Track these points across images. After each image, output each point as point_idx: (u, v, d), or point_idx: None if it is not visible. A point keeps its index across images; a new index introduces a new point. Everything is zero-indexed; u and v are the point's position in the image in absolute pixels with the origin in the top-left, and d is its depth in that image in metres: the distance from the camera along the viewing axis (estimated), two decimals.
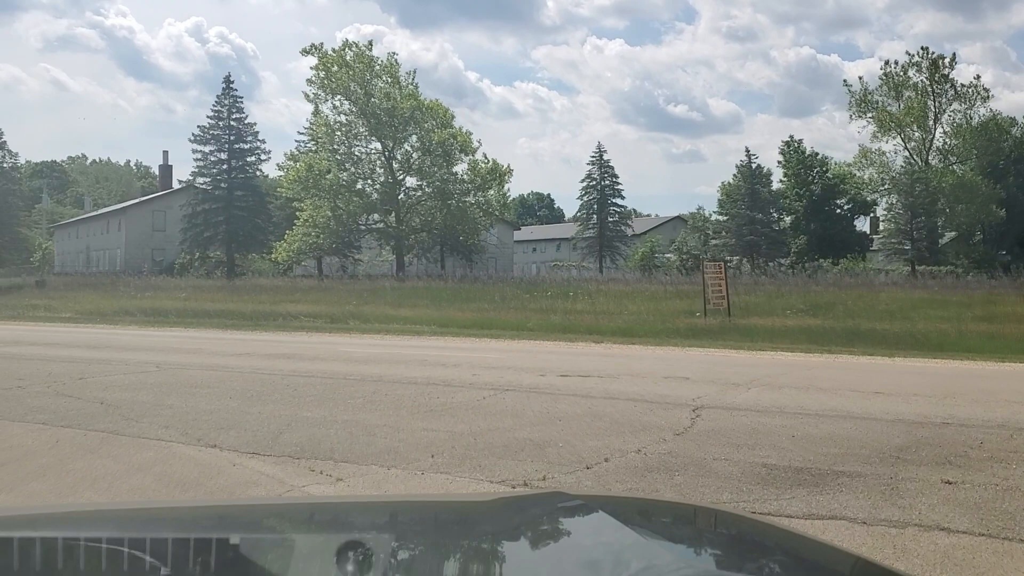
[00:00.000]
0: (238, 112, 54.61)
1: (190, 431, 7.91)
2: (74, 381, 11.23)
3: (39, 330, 21.89)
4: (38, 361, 13.58)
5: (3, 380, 11.29)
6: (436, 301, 31.04)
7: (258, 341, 18.56)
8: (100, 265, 67.59)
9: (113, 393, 10.18)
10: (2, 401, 9.66)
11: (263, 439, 7.62)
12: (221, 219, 53.54)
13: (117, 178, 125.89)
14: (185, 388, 10.65)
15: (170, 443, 7.48)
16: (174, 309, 29.11)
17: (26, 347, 16.19)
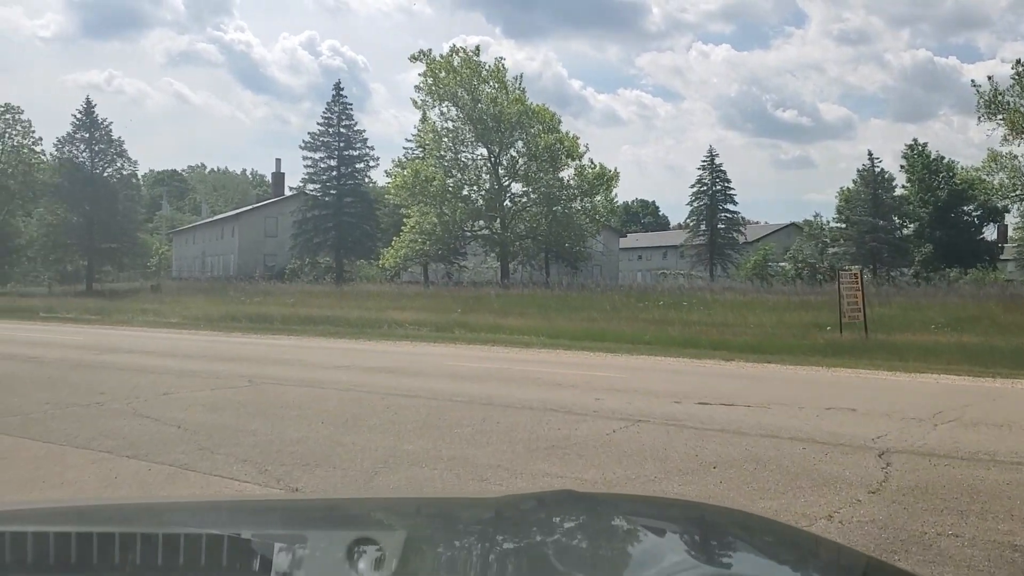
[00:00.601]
0: (347, 119, 54.53)
1: (270, 468, 6.59)
2: (157, 397, 10.15)
3: (142, 336, 21.36)
4: (128, 372, 12.66)
5: (85, 394, 10.30)
6: (543, 310, 29.54)
7: (360, 351, 17.41)
8: (215, 270, 68.83)
9: (194, 414, 9.00)
10: (74, 421, 8.59)
11: (354, 481, 6.26)
12: (330, 225, 53.44)
13: (233, 186, 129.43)
14: (274, 409, 9.40)
15: (244, 483, 6.17)
16: (280, 315, 28.46)
17: (122, 355, 15.42)
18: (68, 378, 11.90)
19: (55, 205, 51.92)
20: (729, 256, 66.11)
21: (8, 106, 52.29)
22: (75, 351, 16.10)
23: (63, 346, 17.26)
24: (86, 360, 14.36)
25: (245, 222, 67.04)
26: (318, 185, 54.55)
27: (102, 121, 53.21)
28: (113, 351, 16.26)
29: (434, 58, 52.26)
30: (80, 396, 10.18)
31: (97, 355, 15.36)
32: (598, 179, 51.74)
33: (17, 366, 13.43)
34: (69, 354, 15.42)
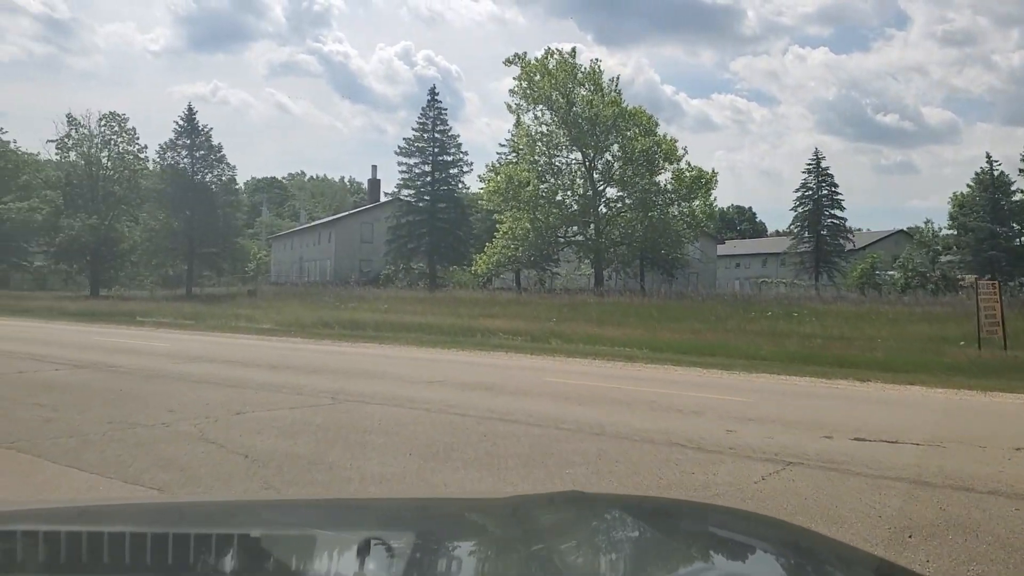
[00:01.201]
0: (442, 125, 53.83)
1: None
2: (229, 417, 9.03)
3: (230, 343, 20.63)
4: (205, 385, 11.66)
5: (153, 412, 9.28)
6: (642, 319, 27.91)
7: (453, 363, 16.17)
8: (311, 275, 69.25)
9: (266, 439, 7.83)
10: (133, 446, 7.50)
11: None
12: (424, 231, 52.82)
13: (331, 193, 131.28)
14: (356, 434, 8.16)
15: None
16: (372, 322, 27.60)
17: (204, 365, 14.52)
18: (141, 391, 10.96)
19: (157, 210, 52.76)
20: (835, 264, 62.88)
21: (113, 114, 53.53)
22: (157, 359, 15.32)
23: (147, 353, 16.55)
24: (165, 370, 13.49)
25: (341, 228, 67.23)
26: (412, 191, 54.04)
27: (203, 128, 53.89)
28: (196, 360, 15.41)
29: (529, 61, 51.14)
30: (147, 414, 9.16)
31: (178, 364, 14.51)
32: (696, 182, 49.64)
33: (94, 376, 12.62)
34: (150, 363, 14.62)
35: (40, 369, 13.29)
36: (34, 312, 34.18)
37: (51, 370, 13.22)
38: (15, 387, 11.27)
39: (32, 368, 13.41)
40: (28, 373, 12.76)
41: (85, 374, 12.83)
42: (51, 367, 13.59)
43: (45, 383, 11.68)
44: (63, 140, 52.44)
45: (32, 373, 12.78)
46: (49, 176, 53.56)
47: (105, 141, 53.39)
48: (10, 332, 22.30)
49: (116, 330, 25.08)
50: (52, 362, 14.32)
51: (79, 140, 52.72)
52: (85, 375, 12.69)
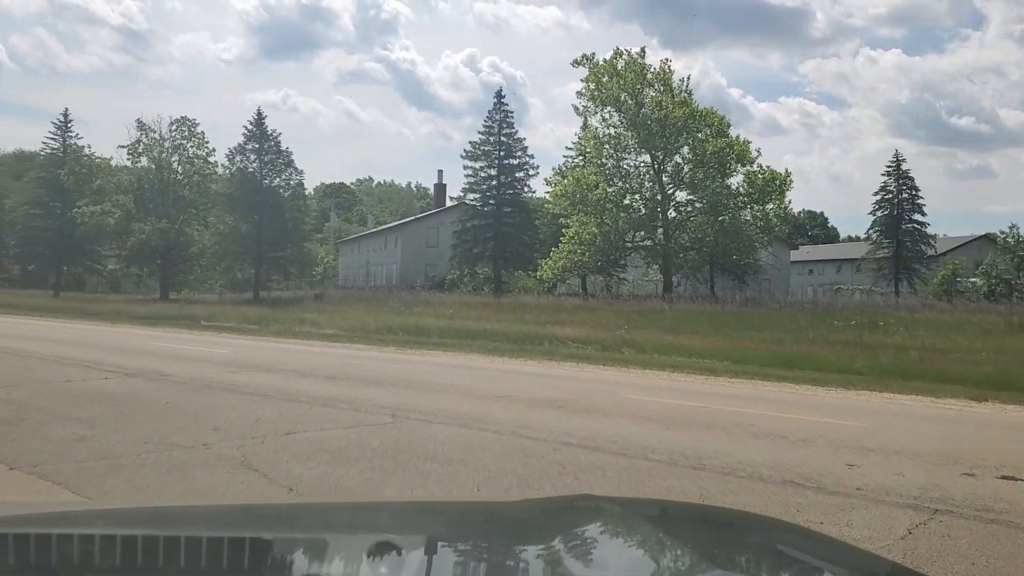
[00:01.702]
0: (508, 128, 52.85)
1: None
2: (278, 438, 8.10)
3: (292, 350, 19.89)
4: (257, 399, 10.79)
5: (196, 430, 8.40)
6: (717, 328, 26.43)
7: (522, 374, 15.09)
8: (378, 279, 69.02)
9: (316, 466, 6.85)
10: (166, 472, 6.60)
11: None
12: (489, 235, 51.90)
13: (398, 199, 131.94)
14: (417, 462, 7.13)
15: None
16: (437, 328, 26.71)
17: (259, 375, 13.69)
18: (187, 405, 10.12)
19: (226, 214, 52.92)
20: (915, 271, 60.11)
21: (184, 119, 53.86)
22: (213, 368, 14.57)
23: (204, 361, 15.84)
24: (219, 380, 12.69)
25: (407, 232, 66.85)
26: (478, 195, 53.18)
27: (271, 132, 53.90)
28: (253, 369, 14.62)
29: (597, 62, 49.89)
30: (189, 432, 8.28)
31: (233, 374, 13.72)
32: (770, 185, 47.73)
33: (144, 386, 11.86)
34: (204, 371, 13.86)
35: (89, 378, 12.61)
36: (102, 315, 34.21)
37: (100, 379, 12.53)
38: (59, 398, 10.55)
39: (82, 376, 12.75)
40: (76, 382, 12.08)
41: (135, 384, 12.09)
42: (101, 375, 12.92)
43: (91, 394, 10.95)
44: (134, 145, 53.03)
45: (80, 382, 12.10)
46: (121, 181, 54.19)
47: (175, 146, 53.83)
48: (71, 336, 21.97)
49: (178, 335, 24.66)
50: (104, 370, 13.66)
51: (150, 145, 53.24)
52: (134, 385, 11.95)
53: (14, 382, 11.96)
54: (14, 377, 12.53)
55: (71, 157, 56.01)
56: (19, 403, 10.07)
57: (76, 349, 17.61)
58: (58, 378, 12.45)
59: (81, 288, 66.91)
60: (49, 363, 14.65)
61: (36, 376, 12.71)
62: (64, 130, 59.53)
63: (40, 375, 12.85)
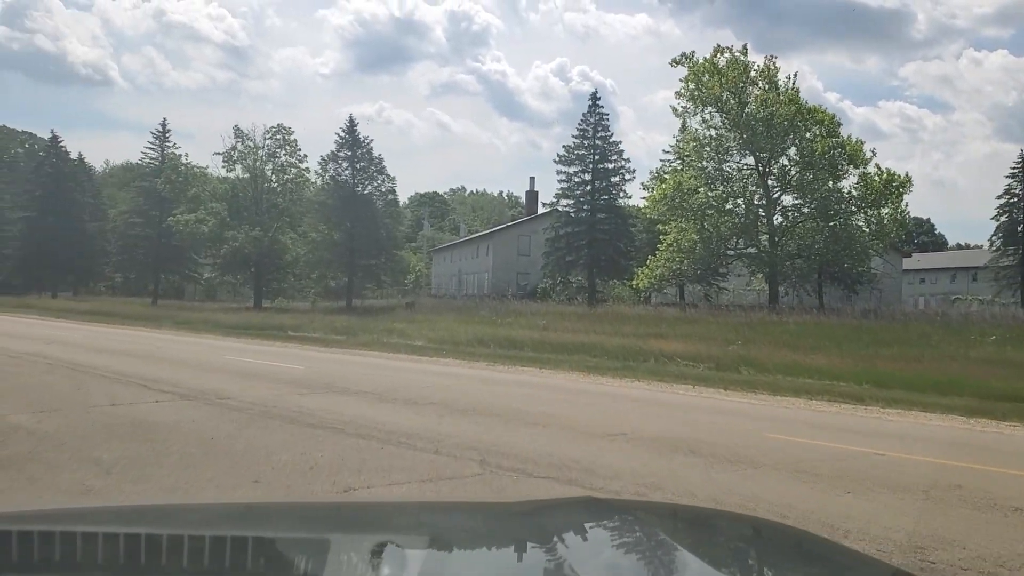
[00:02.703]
0: (603, 131, 50.53)
1: None
2: (333, 496, 6.11)
3: (375, 365, 18.06)
4: (323, 432, 8.84)
5: (234, 481, 6.52)
6: (838, 343, 23.50)
7: (632, 401, 12.82)
8: (469, 288, 67.61)
9: None
10: None
11: None
12: (583, 243, 49.64)
13: (490, 207, 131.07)
14: None
15: None
16: (530, 341, 24.64)
17: (332, 397, 11.82)
18: (234, 442, 8.25)
19: (319, 222, 52.21)
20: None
21: (279, 126, 53.37)
22: (282, 388, 12.78)
23: (274, 380, 14.08)
24: (284, 405, 10.85)
25: (499, 240, 65.19)
26: (571, 201, 51.01)
27: (364, 139, 52.96)
28: (326, 390, 12.76)
29: (697, 61, 47.11)
30: (223, 485, 6.39)
31: (303, 396, 11.89)
32: (888, 187, 44.01)
33: (192, 413, 10.09)
34: (270, 394, 12.07)
35: (138, 401, 10.94)
36: (190, 324, 33.37)
37: (151, 402, 10.84)
38: (91, 429, 8.86)
39: (131, 398, 11.10)
40: (121, 407, 10.41)
41: (185, 410, 10.33)
42: (153, 398, 11.24)
43: (130, 423, 9.22)
44: (229, 153, 52.80)
45: (126, 407, 10.42)
46: (216, 188, 54.11)
47: (269, 154, 53.41)
48: (145, 347, 20.68)
49: (259, 347, 23.24)
50: (159, 390, 12.01)
51: (244, 153, 52.94)
52: (184, 412, 10.19)
53: (54, 405, 10.38)
54: (58, 398, 10.98)
55: (168, 166, 56.28)
56: (43, 435, 8.41)
57: (143, 364, 16.17)
58: (104, 400, 10.83)
59: (180, 296, 67.61)
60: (105, 380, 13.12)
61: (82, 398, 11.13)
62: (162, 140, 60.14)
63: (87, 396, 11.27)
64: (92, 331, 28.59)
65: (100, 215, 71.73)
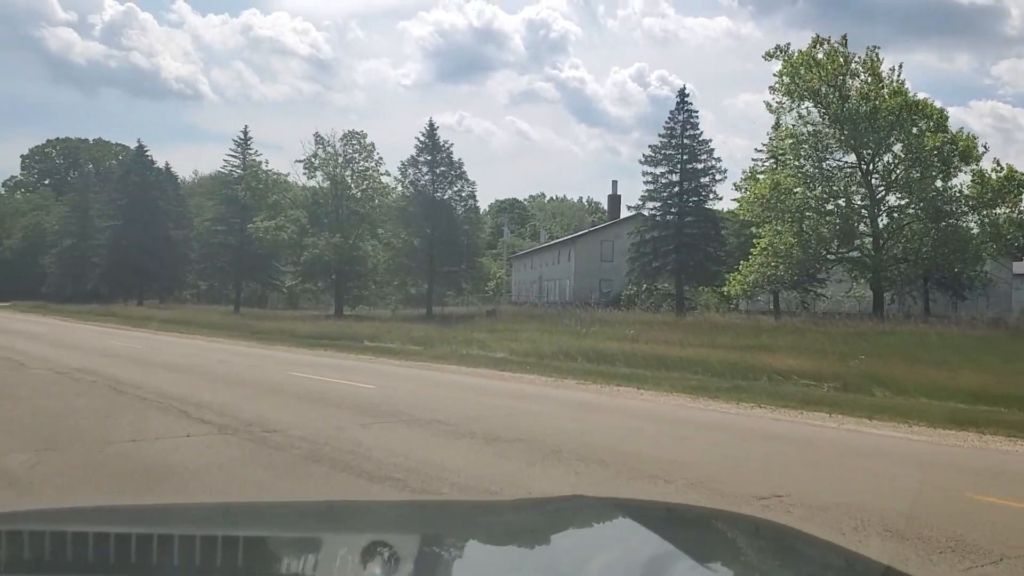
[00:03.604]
0: (691, 129, 47.61)
1: None
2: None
3: (451, 383, 15.92)
4: (376, 485, 6.74)
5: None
6: (971, 357, 20.39)
7: (767, 440, 10.32)
8: (551, 295, 65.46)
9: None
10: None
11: None
12: (670, 247, 46.77)
13: (570, 213, 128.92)
14: None
15: None
16: (621, 354, 22.24)
17: (398, 429, 9.70)
18: (261, 500, 6.20)
19: (398, 228, 50.82)
20: None
21: (354, 132, 52.16)
22: (341, 417, 10.72)
23: (335, 404, 12.04)
24: (336, 444, 8.75)
25: (581, 246, 62.82)
26: (658, 203, 48.14)
27: (443, 143, 51.32)
28: (392, 418, 10.65)
29: (792, 53, 43.89)
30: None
31: (364, 428, 9.82)
32: (1008, 185, 39.99)
33: (221, 456, 8.05)
34: (326, 425, 10.02)
35: (167, 434, 9.03)
36: (264, 334, 32.00)
37: (180, 436, 8.92)
38: (91, 475, 6.99)
39: (159, 431, 9.21)
40: (144, 442, 8.50)
41: (217, 449, 8.33)
42: (187, 429, 9.32)
43: (142, 469, 7.30)
44: (310, 160, 51.83)
45: (149, 443, 8.51)
46: (296, 195, 53.28)
47: (348, 159, 52.21)
48: (205, 363, 18.96)
49: (330, 360, 21.44)
50: (199, 419, 10.12)
51: (324, 160, 51.89)
52: (214, 452, 8.19)
53: (65, 440, 8.55)
54: (75, 431, 9.17)
55: (249, 173, 55.71)
56: (26, 485, 6.54)
57: (195, 383, 14.42)
58: (127, 434, 8.95)
59: (263, 304, 67.21)
60: (143, 404, 11.34)
61: (103, 429, 9.28)
62: (244, 147, 59.67)
63: (110, 427, 9.42)
64: (160, 342, 27.40)
65: (185, 223, 72.11)
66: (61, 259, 74.48)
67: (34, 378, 14.15)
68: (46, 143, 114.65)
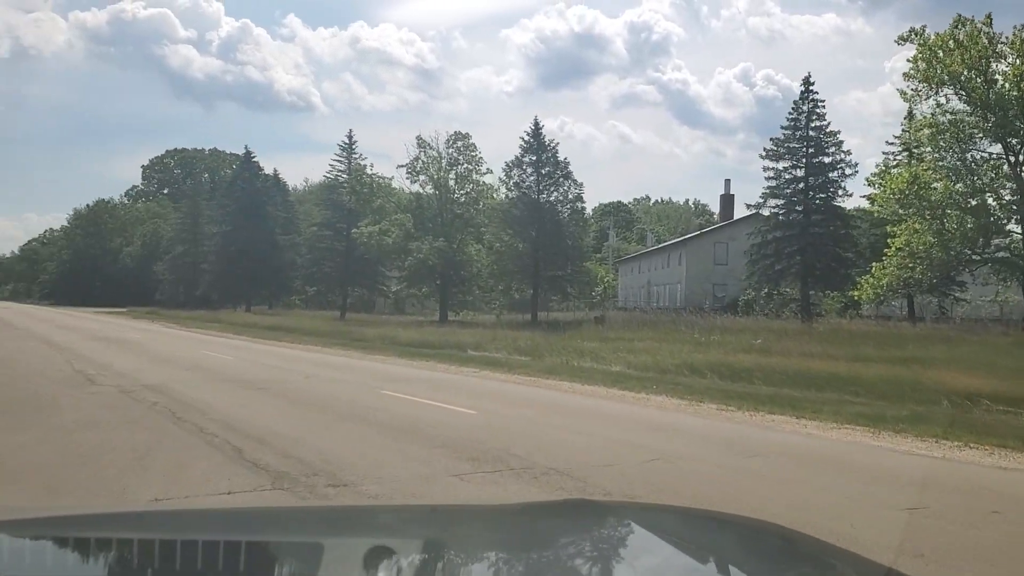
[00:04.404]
0: (818, 119, 43.62)
1: None
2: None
3: (566, 407, 13.31)
4: None
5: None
6: None
7: (1003, 499, 7.39)
8: (660, 300, 62.17)
9: None
10: None
11: None
12: (794, 248, 42.89)
13: (676, 216, 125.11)
14: None
15: None
16: (754, 368, 19.19)
17: (509, 485, 7.21)
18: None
19: (502, 231, 48.68)
20: None
21: (458, 134, 50.34)
22: (432, 459, 8.20)
23: (426, 439, 9.57)
24: (423, 498, 6.31)
25: (693, 248, 59.27)
26: (781, 200, 44.30)
27: (549, 142, 48.88)
28: (496, 466, 8.04)
29: (928, 36, 39.46)
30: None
31: (463, 477, 7.30)
32: None
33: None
34: (411, 472, 7.55)
35: (202, 489, 6.73)
36: (365, 342, 30.18)
37: (220, 492, 6.63)
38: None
39: (195, 483, 6.94)
40: (168, 502, 6.25)
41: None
42: (232, 480, 7.03)
43: None
44: (413, 164, 50.31)
45: (173, 502, 6.25)
46: (401, 199, 51.88)
47: (451, 162, 50.42)
48: (291, 379, 16.89)
49: (430, 373, 19.21)
50: (253, 462, 7.83)
51: (427, 163, 50.27)
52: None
53: (68, 494, 6.40)
54: (93, 478, 7.05)
55: (353, 178, 54.65)
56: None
57: (265, 405, 12.30)
58: (150, 488, 6.71)
59: (370, 309, 66.29)
60: (191, 439, 9.16)
61: (125, 479, 7.11)
62: (349, 152, 58.69)
63: (136, 475, 7.24)
64: (254, 351, 25.86)
65: (293, 229, 72.03)
66: (173, 265, 75.65)
67: (92, 400, 12.29)
68: (164, 154, 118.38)
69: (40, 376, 15.52)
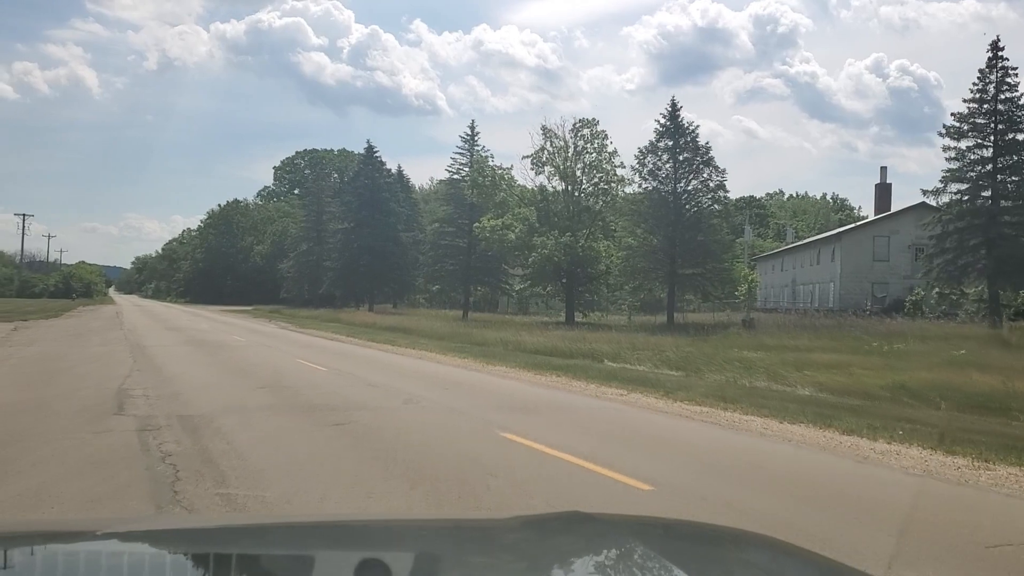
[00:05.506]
0: (1009, 91, 36.72)
1: None
2: None
3: (769, 451, 8.67)
4: None
5: None
6: None
7: None
8: (807, 300, 55.78)
9: None
10: None
11: None
12: (980, 240, 36.22)
13: (814, 211, 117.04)
14: None
15: None
16: (988, 392, 14.08)
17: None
18: None
19: (634, 225, 43.83)
20: None
21: (584, 120, 45.68)
22: None
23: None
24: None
25: (849, 243, 52.64)
26: (965, 185, 37.60)
27: (688, 125, 43.68)
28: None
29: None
30: None
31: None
32: None
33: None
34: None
35: None
36: (486, 347, 26.23)
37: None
38: None
39: None
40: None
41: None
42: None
43: None
44: (538, 154, 46.13)
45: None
46: (524, 192, 47.91)
47: (578, 151, 45.91)
48: (380, 407, 12.72)
49: (564, 394, 14.85)
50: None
51: (552, 153, 45.97)
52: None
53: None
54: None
55: (475, 169, 51.00)
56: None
57: (333, 456, 8.23)
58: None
59: (493, 308, 62.73)
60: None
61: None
62: (471, 143, 55.08)
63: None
64: (360, 360, 22.23)
65: (416, 226, 69.38)
66: (298, 263, 74.40)
67: (88, 447, 8.39)
68: (295, 154, 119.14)
69: (68, 398, 12.12)
